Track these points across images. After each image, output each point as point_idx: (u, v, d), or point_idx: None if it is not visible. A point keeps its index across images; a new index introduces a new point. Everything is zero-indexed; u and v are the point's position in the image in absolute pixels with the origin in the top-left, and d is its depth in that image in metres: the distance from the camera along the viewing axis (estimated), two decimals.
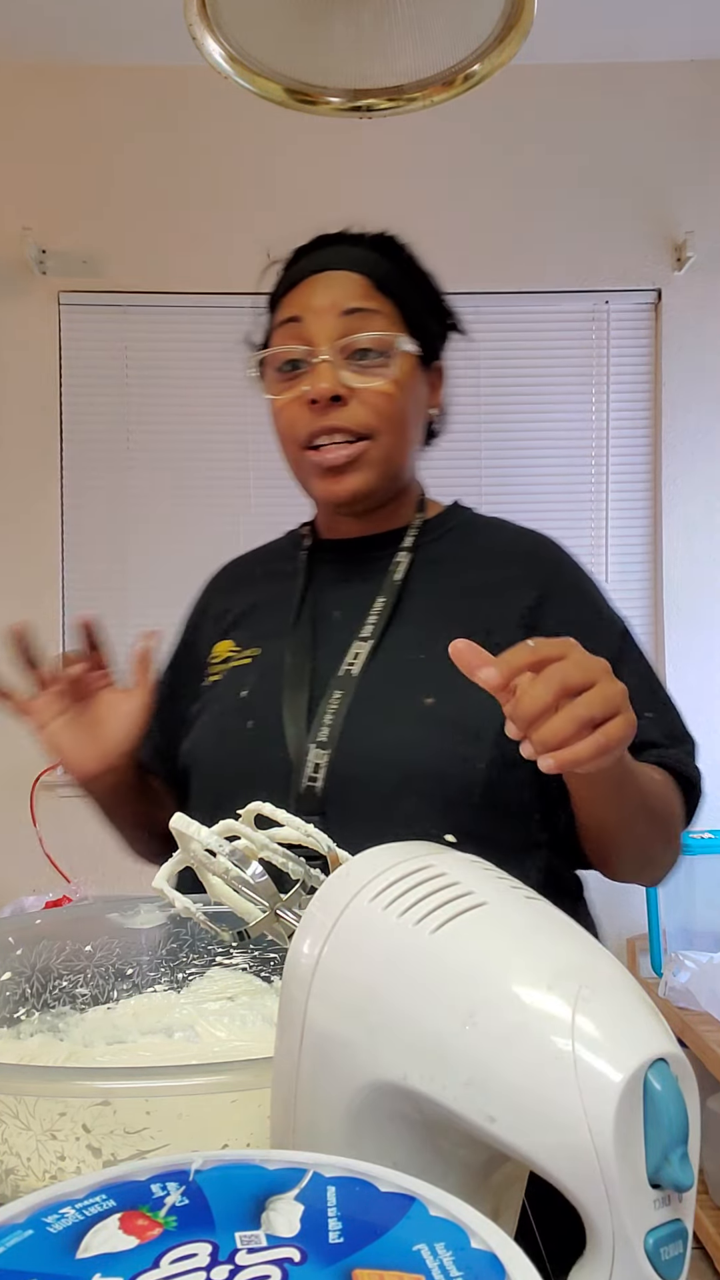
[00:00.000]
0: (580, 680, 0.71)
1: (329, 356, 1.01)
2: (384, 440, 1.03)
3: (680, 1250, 0.43)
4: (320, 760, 0.96)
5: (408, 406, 1.05)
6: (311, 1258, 0.36)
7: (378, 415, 1.02)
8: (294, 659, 1.04)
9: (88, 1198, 0.39)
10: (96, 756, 1.06)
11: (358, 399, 1.02)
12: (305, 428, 1.03)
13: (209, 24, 0.96)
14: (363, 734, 0.96)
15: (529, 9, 0.93)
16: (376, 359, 1.02)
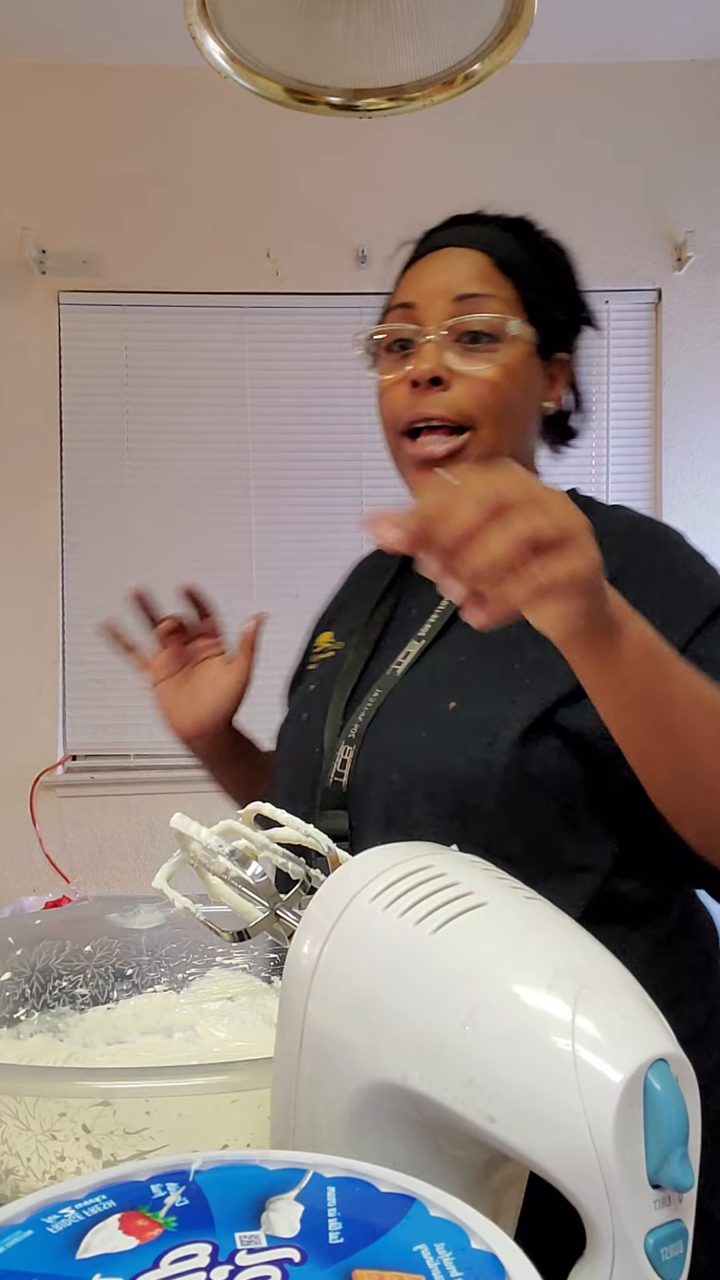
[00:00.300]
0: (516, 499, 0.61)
1: (435, 337, 0.96)
2: (485, 433, 0.97)
3: (680, 1250, 0.43)
4: (347, 756, 0.95)
5: (515, 396, 0.98)
6: (311, 1258, 0.36)
7: (479, 403, 0.96)
8: (353, 655, 1.03)
9: (88, 1198, 0.39)
10: (193, 721, 1.11)
11: (461, 383, 0.96)
12: (405, 412, 0.98)
13: (209, 24, 0.96)
14: (384, 733, 0.95)
15: (529, 9, 0.93)
16: (486, 343, 0.97)
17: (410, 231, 1.11)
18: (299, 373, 3.02)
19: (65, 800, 3.00)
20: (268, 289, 2.98)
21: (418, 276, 1.01)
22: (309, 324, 3.03)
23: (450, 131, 2.93)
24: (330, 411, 3.01)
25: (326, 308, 2.99)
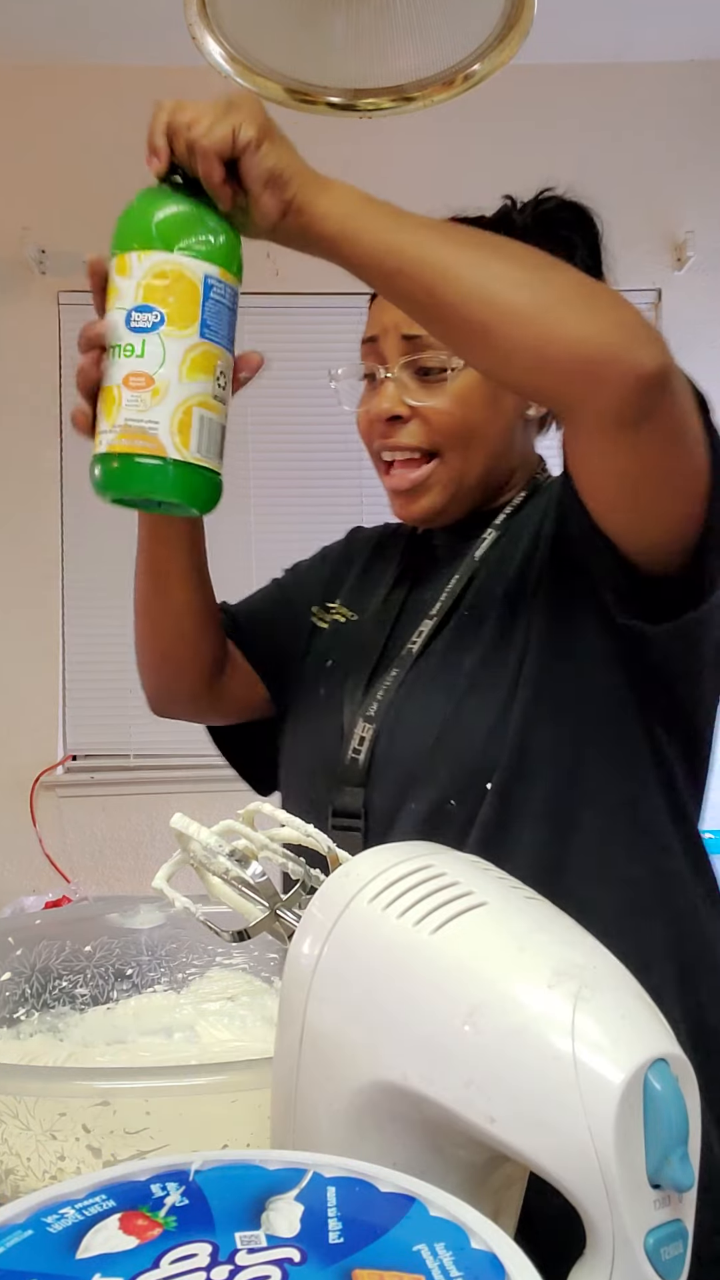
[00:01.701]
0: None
1: (394, 374, 1.00)
2: (452, 458, 1.00)
3: (680, 1250, 0.43)
4: (365, 734, 0.98)
5: (475, 419, 1.01)
6: (311, 1258, 0.36)
7: (439, 433, 1.00)
8: (372, 635, 1.06)
9: (88, 1198, 0.39)
10: None
11: (419, 417, 1.00)
12: (375, 442, 1.03)
13: (209, 24, 0.96)
14: (405, 709, 0.98)
15: (529, 9, 0.93)
16: (437, 376, 1.00)
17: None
18: (299, 372, 3.02)
19: (65, 800, 3.00)
20: (268, 289, 2.97)
21: (378, 309, 1.03)
22: (309, 324, 3.03)
23: (450, 132, 2.92)
24: (330, 411, 2.99)
25: (326, 308, 2.98)
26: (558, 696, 0.93)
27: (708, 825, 1.01)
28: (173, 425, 0.76)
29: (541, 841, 0.91)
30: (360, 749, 0.97)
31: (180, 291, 0.76)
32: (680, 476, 0.83)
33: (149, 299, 0.77)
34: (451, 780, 0.93)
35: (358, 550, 1.20)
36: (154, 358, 0.76)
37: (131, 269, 0.77)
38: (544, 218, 1.06)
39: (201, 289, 0.77)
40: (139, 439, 0.76)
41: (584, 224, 1.07)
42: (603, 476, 0.85)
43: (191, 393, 0.77)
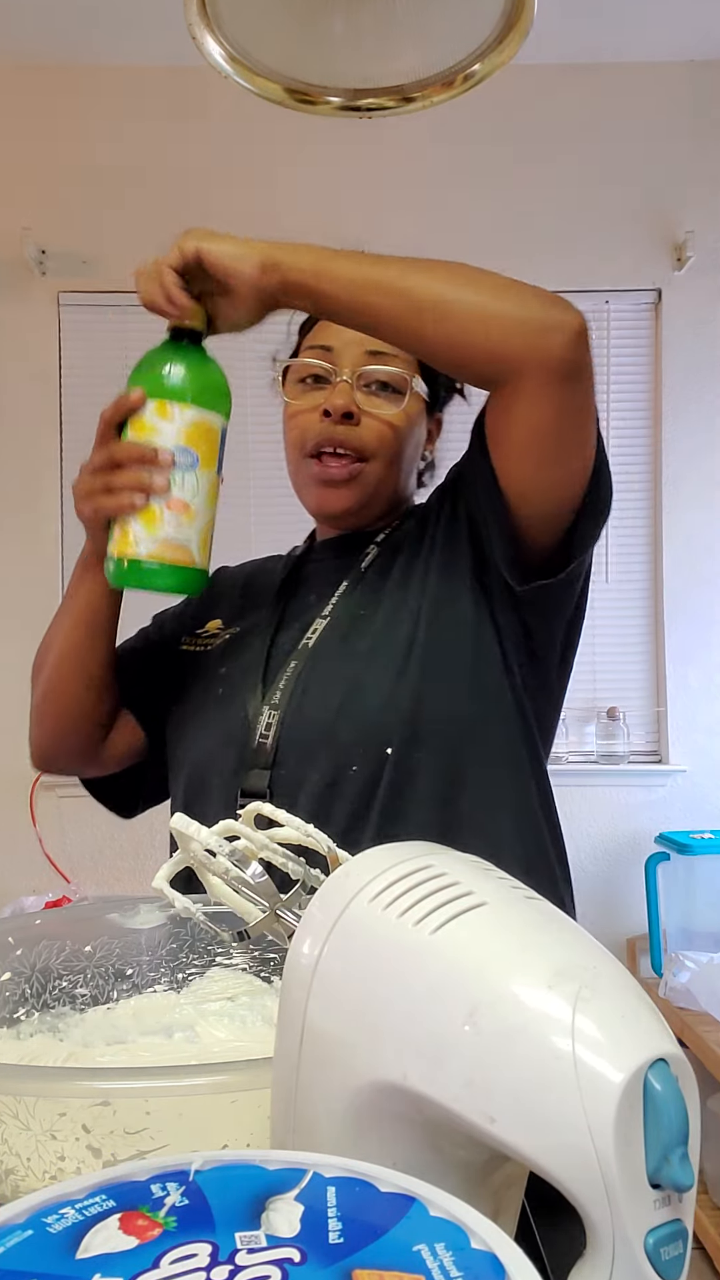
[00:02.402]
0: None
1: (349, 379, 1.11)
2: (379, 465, 1.12)
3: (680, 1250, 0.43)
4: (271, 720, 1.06)
5: (408, 440, 1.14)
6: (311, 1258, 0.36)
7: (381, 440, 1.12)
8: (258, 640, 1.15)
9: (87, 1198, 0.39)
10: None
11: (368, 421, 1.11)
12: (314, 437, 1.12)
13: (209, 24, 0.96)
14: (307, 690, 1.07)
15: (529, 9, 0.93)
16: (391, 393, 1.12)
17: (409, 231, 1.14)
18: None
19: (65, 800, 3.00)
20: None
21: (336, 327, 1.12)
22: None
23: (450, 132, 2.93)
24: None
25: None
26: (447, 658, 1.05)
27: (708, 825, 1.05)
28: (200, 540, 0.98)
29: (440, 799, 1.03)
30: (267, 733, 1.06)
31: (209, 439, 0.98)
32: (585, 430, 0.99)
33: (189, 443, 0.97)
34: (353, 747, 1.03)
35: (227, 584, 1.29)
36: (190, 489, 0.97)
37: (174, 415, 0.97)
38: None
39: (220, 436, 0.99)
40: (178, 551, 0.97)
41: None
42: (526, 429, 0.97)
43: (210, 517, 0.99)
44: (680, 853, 2.85)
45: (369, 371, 1.11)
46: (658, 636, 3.18)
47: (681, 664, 3.15)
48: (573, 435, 0.98)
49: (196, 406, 0.97)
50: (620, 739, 3.11)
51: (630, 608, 3.18)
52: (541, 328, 0.92)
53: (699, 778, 3.13)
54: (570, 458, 0.99)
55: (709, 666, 3.15)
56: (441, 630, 1.06)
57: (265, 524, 3.02)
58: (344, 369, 1.11)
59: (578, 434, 0.98)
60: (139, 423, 0.98)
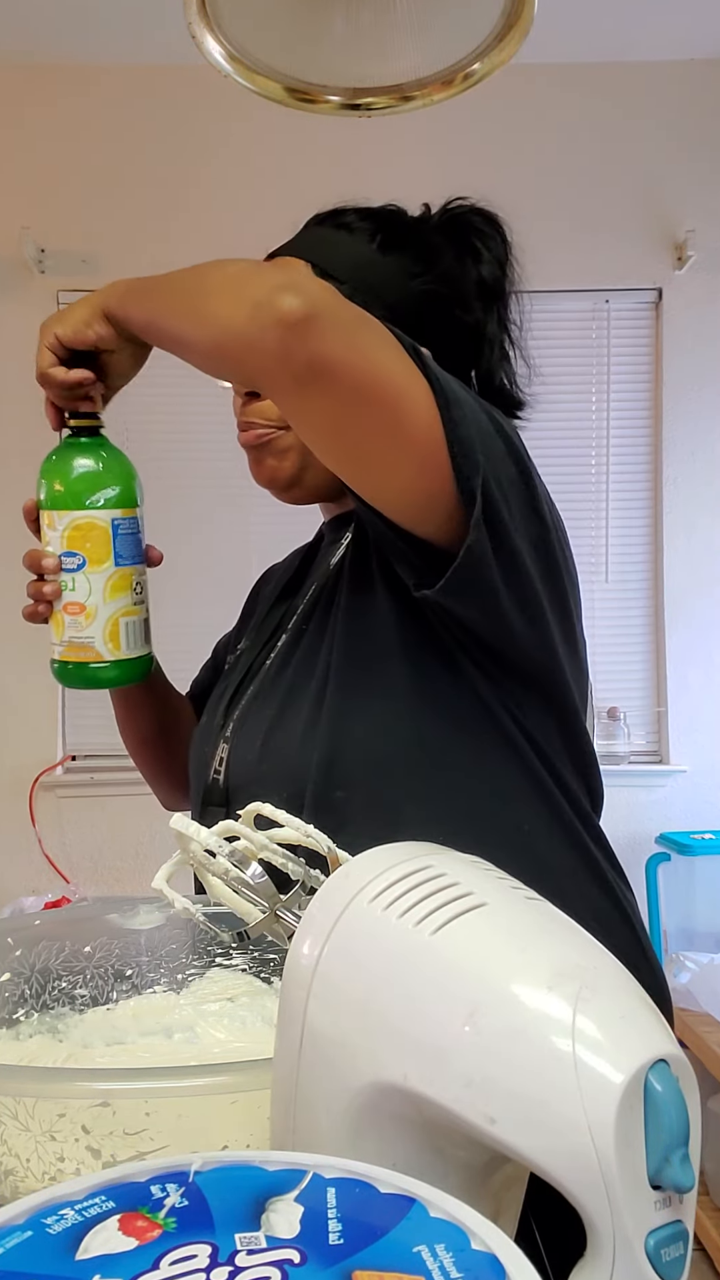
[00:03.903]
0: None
1: None
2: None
3: (681, 1251, 0.43)
4: (223, 754, 1.02)
5: None
6: (311, 1259, 0.36)
7: None
8: (245, 658, 1.09)
9: (87, 1199, 0.39)
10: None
11: None
12: (237, 416, 1.07)
13: (208, 23, 0.95)
14: (245, 723, 1.01)
15: (529, 8, 0.93)
16: None
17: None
18: None
19: (65, 800, 3.00)
20: None
21: None
22: None
23: (450, 131, 2.92)
24: None
25: None
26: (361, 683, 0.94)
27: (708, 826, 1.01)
28: (104, 636, 0.99)
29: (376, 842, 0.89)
30: (220, 769, 1.02)
31: (95, 538, 1.00)
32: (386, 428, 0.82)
33: (72, 547, 1.00)
34: (278, 790, 0.92)
35: (264, 586, 1.23)
36: (83, 590, 0.99)
37: (55, 523, 1.01)
38: (451, 222, 1.08)
39: (110, 532, 1.00)
40: (82, 650, 0.99)
41: (493, 231, 1.10)
42: (309, 438, 0.88)
43: (115, 609, 1.00)
44: (681, 853, 2.85)
45: None
46: (658, 636, 3.18)
47: (682, 664, 3.15)
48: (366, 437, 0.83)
49: (74, 510, 0.99)
50: (621, 739, 3.11)
51: (630, 607, 3.18)
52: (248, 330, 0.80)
53: (699, 778, 3.13)
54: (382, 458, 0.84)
55: (710, 666, 3.15)
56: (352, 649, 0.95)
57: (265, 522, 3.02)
58: None
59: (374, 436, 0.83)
60: (39, 530, 1.03)
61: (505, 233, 1.10)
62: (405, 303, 1.01)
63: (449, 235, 1.06)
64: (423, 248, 1.04)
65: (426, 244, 1.05)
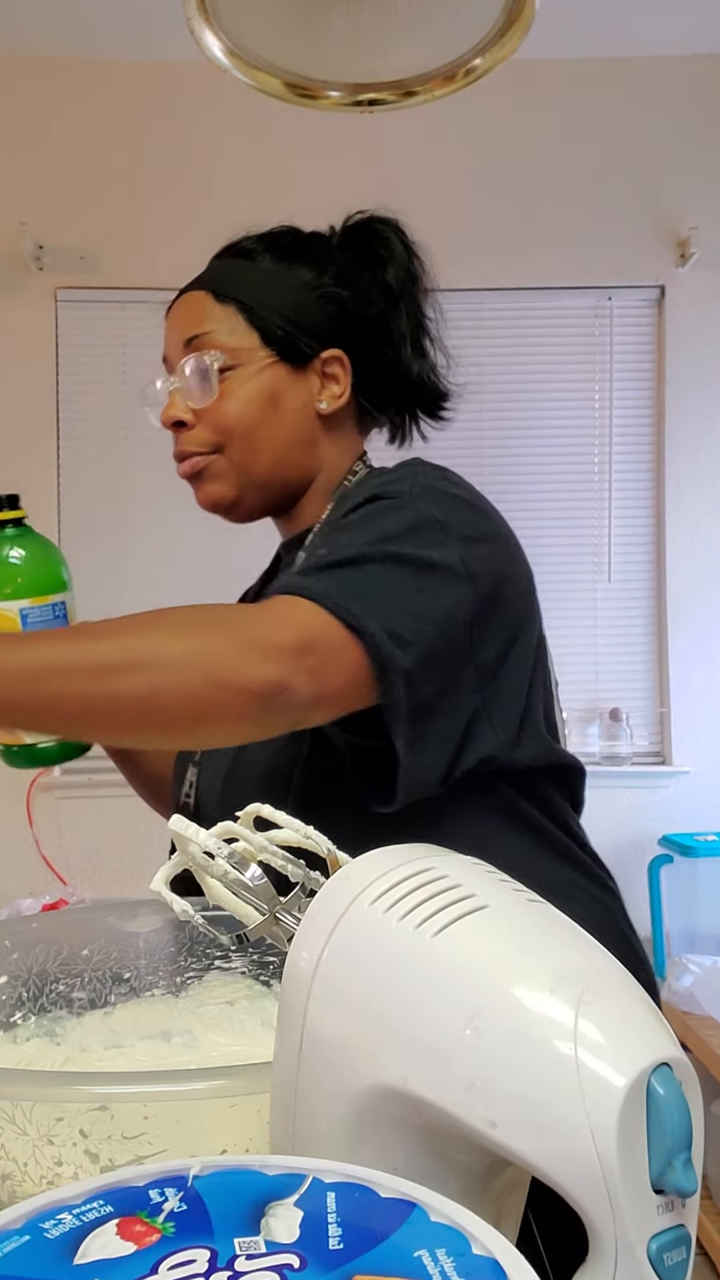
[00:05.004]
0: None
1: (178, 384, 1.06)
2: (232, 453, 1.05)
3: (683, 1256, 0.43)
4: (193, 777, 1.04)
5: (254, 414, 1.04)
6: (311, 1264, 0.35)
7: (216, 431, 1.05)
8: None
9: (85, 1203, 0.39)
10: None
11: (201, 420, 1.05)
12: (175, 449, 1.08)
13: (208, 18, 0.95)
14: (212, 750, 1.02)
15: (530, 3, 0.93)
16: (220, 376, 1.04)
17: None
18: None
19: (62, 802, 3.00)
20: None
21: (166, 329, 1.10)
22: None
23: (451, 127, 2.92)
24: None
25: None
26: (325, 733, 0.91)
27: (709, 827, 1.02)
28: None
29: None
30: (190, 792, 1.03)
31: (3, 628, 0.98)
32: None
33: None
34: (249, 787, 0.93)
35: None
36: None
37: None
38: (352, 231, 1.12)
39: (20, 621, 0.98)
40: (12, 735, 1.00)
41: (390, 235, 1.12)
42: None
43: None
44: (683, 855, 2.85)
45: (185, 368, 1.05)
46: (661, 637, 3.17)
47: (684, 665, 3.15)
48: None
49: None
50: (623, 740, 3.11)
51: (633, 608, 3.18)
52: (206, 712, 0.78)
53: (702, 779, 3.13)
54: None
55: (712, 667, 3.15)
56: None
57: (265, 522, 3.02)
58: (176, 373, 1.07)
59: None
60: None
61: (406, 236, 1.12)
62: (308, 310, 1.06)
63: (349, 245, 1.11)
64: (318, 258, 1.09)
65: (322, 254, 1.09)
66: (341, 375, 1.08)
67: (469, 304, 3.05)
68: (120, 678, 0.76)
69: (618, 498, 3.16)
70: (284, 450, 1.07)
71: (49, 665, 0.77)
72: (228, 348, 1.04)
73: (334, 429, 1.09)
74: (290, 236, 1.10)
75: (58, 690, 0.77)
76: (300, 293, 1.06)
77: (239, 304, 1.05)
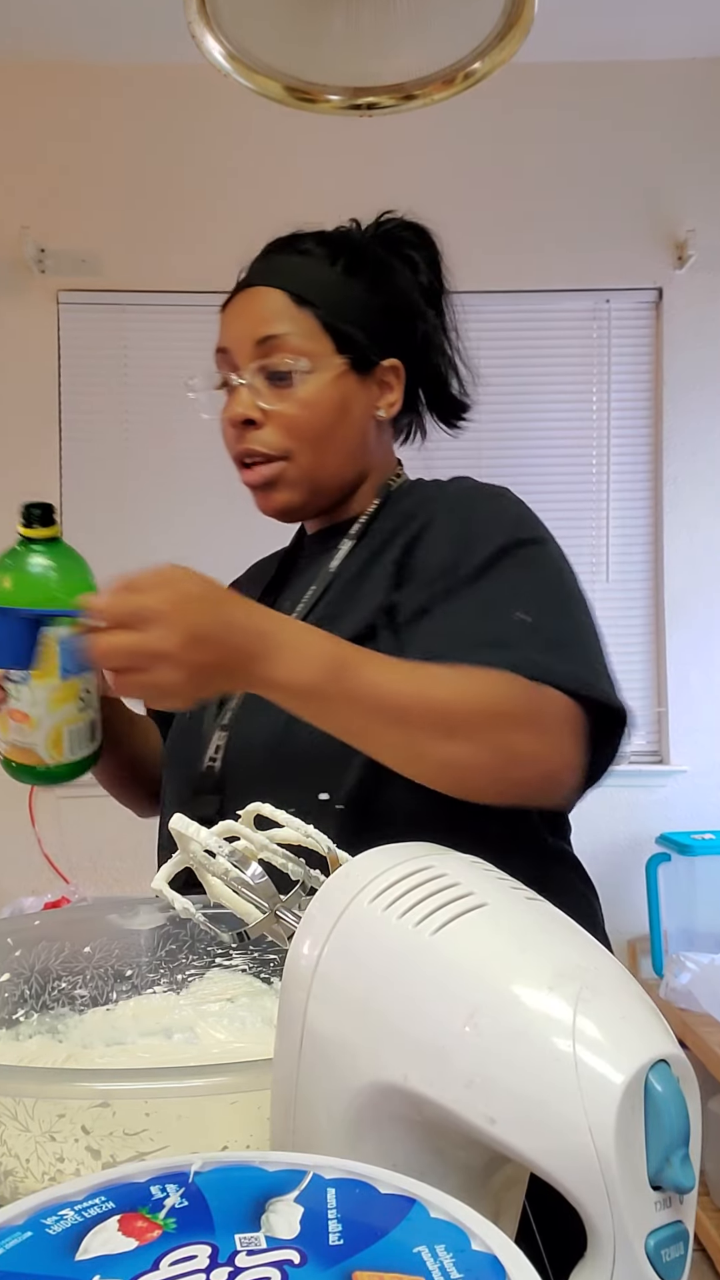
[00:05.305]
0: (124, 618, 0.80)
1: (247, 380, 1.05)
2: (302, 459, 1.06)
3: (681, 1252, 0.43)
4: (220, 742, 1.02)
5: (325, 422, 1.06)
6: (311, 1260, 0.35)
7: (290, 436, 1.05)
8: None
9: (87, 1199, 0.39)
10: None
11: (271, 421, 1.05)
12: (233, 447, 1.08)
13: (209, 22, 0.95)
14: (253, 715, 1.01)
15: (529, 7, 0.93)
16: (287, 381, 1.05)
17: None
18: None
19: (64, 801, 3.00)
20: None
21: (228, 321, 1.09)
22: None
23: (451, 130, 2.92)
24: None
25: None
26: None
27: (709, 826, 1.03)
28: (47, 744, 0.98)
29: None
30: (216, 757, 1.02)
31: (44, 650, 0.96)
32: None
33: None
34: (291, 791, 0.93)
35: (245, 584, 1.25)
36: (27, 700, 0.96)
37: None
38: (385, 237, 1.13)
39: (58, 648, 0.96)
40: (23, 754, 0.99)
41: (424, 243, 1.15)
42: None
43: (58, 719, 0.98)
44: (681, 853, 2.85)
45: (260, 366, 1.05)
46: (659, 637, 3.17)
47: (682, 664, 3.15)
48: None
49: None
50: None
51: (631, 607, 3.18)
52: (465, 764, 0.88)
53: (700, 778, 3.13)
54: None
55: (710, 666, 3.15)
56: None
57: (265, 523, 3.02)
58: (243, 369, 1.06)
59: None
60: None
61: (435, 243, 1.15)
62: (373, 320, 1.08)
63: (385, 249, 1.12)
64: (378, 266, 1.10)
65: (380, 262, 1.10)
66: (396, 384, 1.11)
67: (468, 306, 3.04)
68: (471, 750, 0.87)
69: (616, 498, 3.16)
70: (349, 457, 1.09)
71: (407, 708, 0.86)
72: (305, 352, 1.04)
73: (382, 432, 1.13)
74: (349, 241, 1.11)
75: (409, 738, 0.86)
76: (366, 301, 1.08)
77: (315, 309, 1.05)
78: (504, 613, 0.94)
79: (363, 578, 1.06)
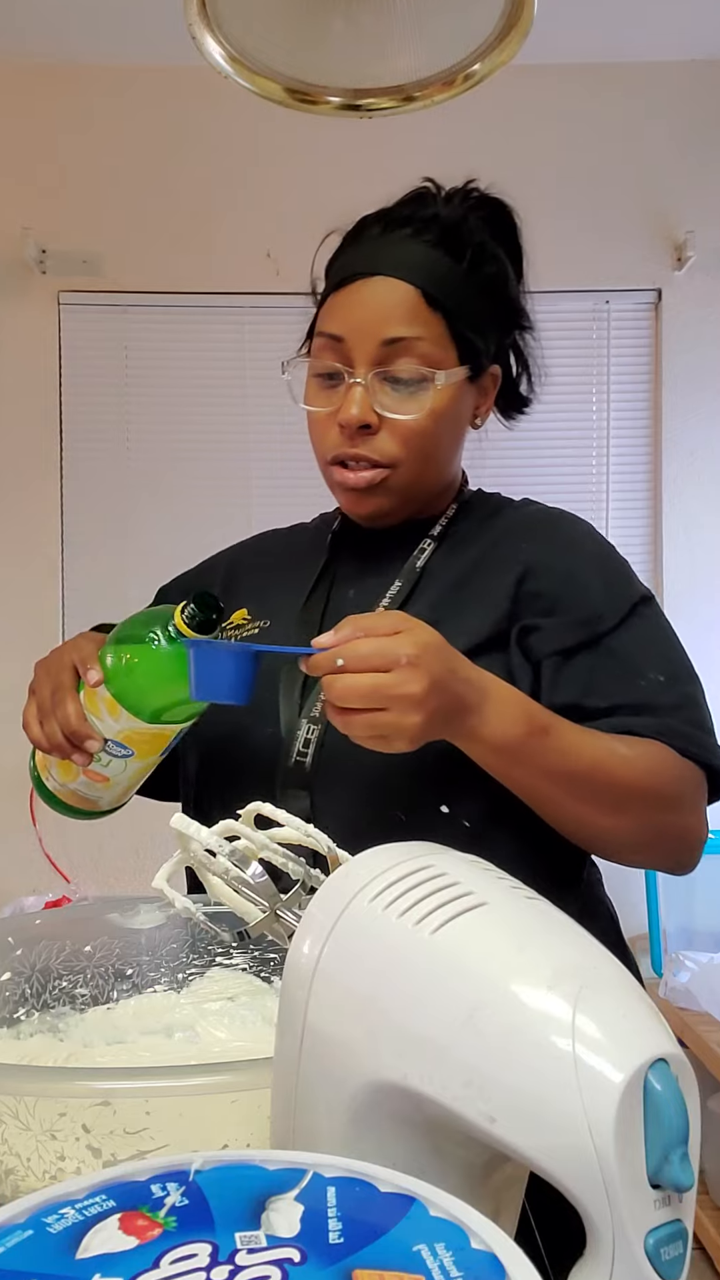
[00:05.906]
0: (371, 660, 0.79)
1: (364, 381, 0.98)
2: (408, 469, 1.01)
3: (680, 1251, 0.43)
4: (311, 736, 0.97)
5: (441, 435, 1.02)
6: (311, 1258, 0.36)
7: (405, 446, 0.99)
8: (298, 634, 1.03)
9: (87, 1198, 0.39)
10: None
11: (387, 428, 0.99)
12: (333, 448, 1.01)
13: (209, 24, 0.96)
14: None
15: (529, 8, 0.93)
16: (412, 388, 0.99)
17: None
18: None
19: None
20: (268, 289, 2.97)
21: (348, 306, 1.00)
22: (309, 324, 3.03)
23: (450, 131, 2.92)
24: None
25: None
26: None
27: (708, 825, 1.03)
28: (112, 798, 1.01)
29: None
30: (306, 751, 0.96)
31: (154, 744, 0.94)
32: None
33: (127, 743, 0.93)
34: (400, 791, 0.92)
35: (257, 551, 1.21)
36: (115, 771, 0.95)
37: (121, 717, 0.91)
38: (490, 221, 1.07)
39: (172, 739, 0.95)
40: (83, 801, 1.01)
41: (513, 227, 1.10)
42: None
43: (135, 781, 1.00)
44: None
45: (386, 370, 0.98)
46: None
47: None
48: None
49: (148, 722, 0.91)
50: None
51: None
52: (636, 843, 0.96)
53: None
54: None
55: (710, 667, 3.12)
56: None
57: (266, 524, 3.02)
58: (359, 366, 0.98)
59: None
60: (92, 694, 0.91)
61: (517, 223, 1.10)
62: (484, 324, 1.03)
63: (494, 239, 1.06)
64: (494, 263, 1.05)
65: (494, 259, 1.05)
66: (492, 390, 1.08)
67: None
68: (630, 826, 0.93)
69: (615, 499, 3.16)
70: (448, 465, 1.07)
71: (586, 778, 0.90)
72: (434, 361, 0.98)
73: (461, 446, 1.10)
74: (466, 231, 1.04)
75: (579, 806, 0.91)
76: (483, 305, 1.03)
77: (446, 314, 0.99)
78: (643, 672, 0.98)
79: (465, 586, 1.02)
